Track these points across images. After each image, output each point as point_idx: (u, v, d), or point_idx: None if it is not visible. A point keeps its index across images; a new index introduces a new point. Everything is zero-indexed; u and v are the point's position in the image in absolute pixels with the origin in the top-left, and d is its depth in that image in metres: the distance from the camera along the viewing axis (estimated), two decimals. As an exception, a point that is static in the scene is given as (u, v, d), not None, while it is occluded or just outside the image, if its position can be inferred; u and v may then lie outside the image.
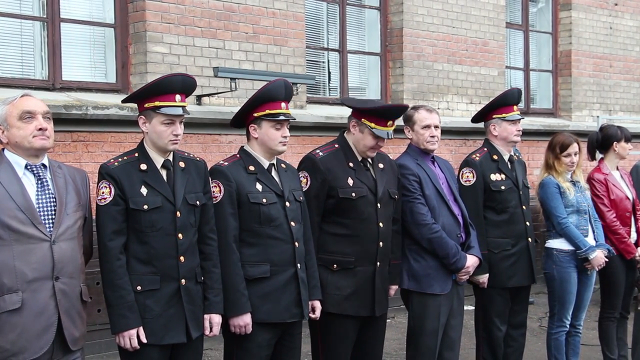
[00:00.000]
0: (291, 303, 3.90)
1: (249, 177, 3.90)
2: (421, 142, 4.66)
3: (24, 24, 6.34)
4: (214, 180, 3.85)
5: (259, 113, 3.92)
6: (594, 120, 9.87)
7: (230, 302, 3.76)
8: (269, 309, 3.84)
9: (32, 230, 3.21)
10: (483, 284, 4.91)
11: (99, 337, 5.78)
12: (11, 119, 3.28)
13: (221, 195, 3.82)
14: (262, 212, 3.85)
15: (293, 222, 3.93)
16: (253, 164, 3.95)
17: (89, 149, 6.22)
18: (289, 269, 3.90)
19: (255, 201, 3.84)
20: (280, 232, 3.88)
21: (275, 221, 3.87)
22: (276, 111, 3.94)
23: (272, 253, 3.86)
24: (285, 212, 3.91)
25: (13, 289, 3.17)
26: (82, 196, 3.45)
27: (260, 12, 7.21)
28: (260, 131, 3.94)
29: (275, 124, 3.94)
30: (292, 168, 4.19)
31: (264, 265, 3.85)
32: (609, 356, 5.65)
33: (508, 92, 5.17)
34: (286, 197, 3.93)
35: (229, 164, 3.93)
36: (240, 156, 3.99)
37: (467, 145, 8.71)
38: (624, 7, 10.74)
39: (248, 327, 3.79)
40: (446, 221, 4.57)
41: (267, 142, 3.94)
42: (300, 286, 3.92)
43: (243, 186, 3.85)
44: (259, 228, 3.85)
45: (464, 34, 8.94)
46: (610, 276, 5.54)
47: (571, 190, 5.23)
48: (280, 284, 3.87)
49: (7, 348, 3.16)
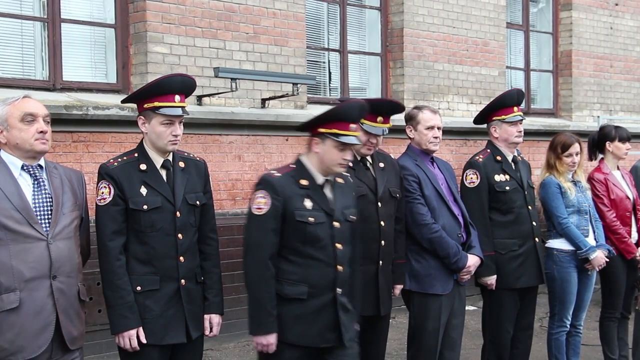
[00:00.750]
0: (325, 328, 3.65)
1: (299, 192, 3.64)
2: (424, 142, 4.66)
3: (25, 24, 6.34)
4: (262, 190, 3.62)
5: (326, 130, 3.65)
6: (595, 121, 9.87)
7: (257, 320, 3.59)
8: (301, 331, 3.62)
9: (28, 230, 3.21)
10: (491, 285, 4.90)
11: (99, 337, 5.78)
12: (12, 120, 3.28)
13: (267, 208, 3.59)
14: (308, 231, 3.61)
15: (339, 244, 3.68)
16: (307, 177, 3.69)
17: (90, 149, 6.22)
18: (328, 293, 3.65)
19: (302, 219, 3.60)
20: (323, 254, 3.64)
21: (320, 242, 3.63)
22: (345, 132, 3.64)
23: (311, 275, 3.62)
24: (332, 232, 3.66)
25: (10, 288, 3.17)
26: (78, 196, 3.46)
27: (260, 13, 7.21)
28: (323, 147, 3.67)
29: (339, 145, 3.65)
30: (349, 181, 3.91)
31: (302, 286, 3.62)
32: (609, 356, 5.64)
33: (506, 93, 5.16)
34: (335, 217, 3.68)
35: (281, 176, 3.67)
36: (295, 167, 3.73)
37: (467, 145, 8.71)
38: (625, 7, 10.73)
39: (271, 347, 3.58)
40: (446, 221, 4.57)
41: (326, 161, 3.67)
42: (339, 311, 3.66)
43: (291, 202, 3.61)
44: (301, 247, 3.62)
45: (464, 34, 8.94)
46: (611, 276, 5.53)
47: (572, 191, 5.23)
48: (316, 308, 3.63)
49: (5, 347, 3.16)
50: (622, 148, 5.62)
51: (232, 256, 6.82)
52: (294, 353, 3.64)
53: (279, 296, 3.61)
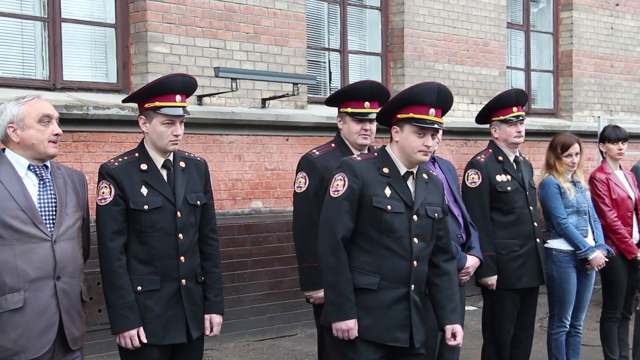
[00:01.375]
0: (395, 325, 3.49)
1: (380, 179, 3.51)
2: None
3: (25, 24, 6.34)
4: (341, 171, 3.51)
5: (403, 115, 3.52)
6: (595, 121, 9.87)
7: (335, 305, 3.43)
8: (369, 324, 3.46)
9: (33, 230, 3.21)
10: (492, 285, 4.89)
11: (99, 337, 5.78)
12: (29, 120, 3.28)
13: (344, 190, 3.47)
14: (384, 220, 3.46)
15: (417, 238, 3.51)
16: (389, 166, 3.55)
17: (90, 149, 6.22)
18: (401, 288, 3.49)
19: (379, 206, 3.46)
20: (399, 246, 3.48)
21: (396, 233, 3.48)
22: (422, 116, 3.49)
23: (385, 266, 3.47)
24: (410, 225, 3.50)
25: (15, 288, 3.17)
26: (80, 197, 3.46)
27: (261, 12, 7.21)
28: (402, 135, 3.54)
29: (417, 130, 3.50)
30: (437, 180, 3.76)
31: (373, 276, 3.47)
32: (610, 357, 5.64)
33: (504, 93, 5.15)
34: (415, 210, 3.53)
35: (362, 160, 3.57)
36: (378, 155, 3.61)
37: (468, 145, 8.71)
38: (625, 8, 10.73)
39: (352, 331, 3.42)
40: (446, 221, 4.56)
41: (406, 148, 3.52)
42: (412, 309, 3.50)
43: (370, 187, 3.48)
44: (377, 236, 3.48)
45: (464, 34, 8.94)
46: (612, 276, 5.53)
47: (571, 191, 5.23)
48: (387, 302, 3.48)
49: (8, 347, 3.16)
50: (612, 149, 5.61)
51: (232, 256, 6.84)
52: (367, 352, 3.47)
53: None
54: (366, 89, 4.34)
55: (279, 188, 7.28)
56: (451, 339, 3.65)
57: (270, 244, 7.08)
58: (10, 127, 3.29)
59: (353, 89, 4.33)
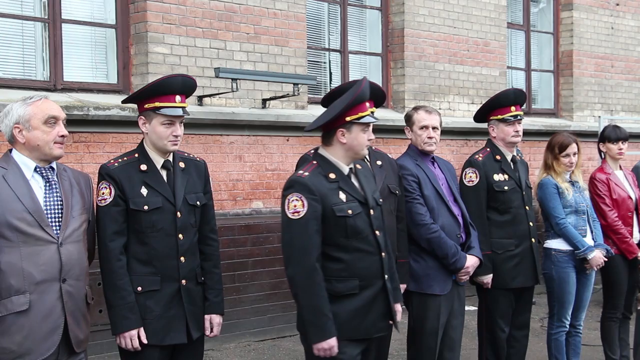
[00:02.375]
0: (378, 317, 3.66)
1: (331, 187, 3.59)
2: (419, 143, 4.68)
3: (25, 24, 6.34)
4: (295, 193, 3.53)
5: (352, 117, 3.61)
6: (596, 121, 9.87)
7: (315, 326, 3.49)
8: (356, 325, 3.59)
9: (39, 233, 3.21)
10: (487, 284, 4.91)
11: (100, 337, 5.78)
12: (35, 121, 3.28)
13: (305, 211, 3.49)
14: (349, 225, 3.56)
15: (378, 230, 3.66)
16: (333, 170, 3.63)
17: (90, 150, 6.22)
18: (377, 281, 3.64)
19: (342, 214, 3.55)
20: (366, 243, 3.61)
21: (361, 233, 3.60)
22: (365, 114, 3.63)
23: (360, 267, 3.59)
24: (370, 220, 3.64)
25: (21, 290, 3.17)
26: (86, 199, 3.46)
27: (261, 13, 7.22)
28: (350, 136, 3.63)
29: (364, 127, 3.65)
30: (365, 165, 3.92)
31: (352, 280, 3.57)
32: (610, 356, 5.64)
33: (502, 93, 5.17)
34: (370, 204, 3.66)
35: (310, 174, 3.59)
36: (317, 162, 3.67)
37: (468, 145, 8.71)
38: (626, 7, 10.73)
39: (333, 349, 3.50)
40: (446, 222, 4.57)
41: (355, 147, 3.64)
42: (390, 298, 3.68)
43: (327, 198, 3.54)
44: (345, 242, 3.57)
45: (465, 34, 8.94)
46: (612, 276, 5.53)
47: (570, 191, 5.23)
48: (369, 299, 3.62)
49: (13, 349, 3.16)
50: (612, 149, 5.61)
51: (233, 256, 6.84)
52: (353, 351, 3.60)
53: (330, 295, 3.53)
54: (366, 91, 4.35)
55: (279, 188, 7.26)
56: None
57: (271, 244, 7.08)
58: (17, 128, 3.29)
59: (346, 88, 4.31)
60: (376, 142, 7.66)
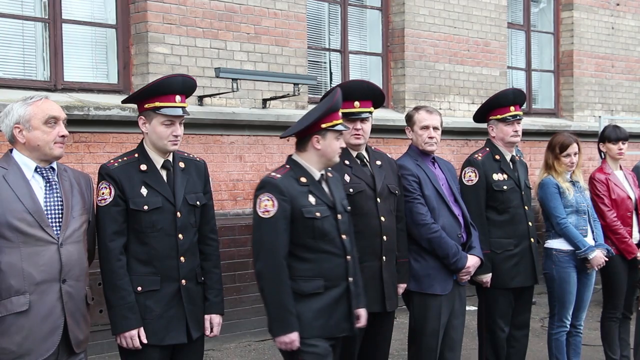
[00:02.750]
0: (342, 318, 3.79)
1: (302, 190, 3.75)
2: (419, 143, 4.68)
3: (26, 24, 6.34)
4: (266, 193, 3.70)
5: (327, 124, 3.77)
6: (596, 121, 9.86)
7: (278, 320, 3.64)
8: (322, 324, 3.73)
9: (40, 233, 3.21)
10: (486, 283, 4.91)
11: (100, 337, 5.78)
12: (35, 121, 3.27)
13: (275, 210, 3.66)
14: (316, 226, 3.72)
15: (344, 235, 3.81)
16: (304, 175, 3.80)
17: (91, 150, 6.22)
18: (342, 283, 3.78)
19: (310, 216, 3.71)
20: (333, 246, 3.76)
21: (328, 235, 3.75)
22: (339, 122, 3.83)
23: (325, 268, 3.74)
24: (337, 224, 3.79)
25: (20, 291, 3.17)
26: (86, 199, 3.46)
27: (261, 13, 7.22)
28: (325, 142, 3.79)
29: (337, 135, 3.82)
30: (336, 174, 4.05)
31: (317, 280, 3.73)
32: (611, 357, 5.64)
33: (501, 93, 5.17)
34: (338, 210, 3.81)
35: (282, 176, 3.76)
36: (290, 167, 3.84)
37: (469, 145, 8.71)
38: (626, 7, 10.73)
39: (294, 343, 3.64)
40: (446, 222, 4.57)
41: (329, 153, 3.81)
42: (352, 301, 3.81)
43: (297, 200, 3.71)
44: (312, 243, 3.73)
45: (465, 34, 8.94)
46: (612, 276, 5.53)
47: (570, 191, 5.23)
48: (334, 299, 3.76)
49: (12, 350, 3.16)
50: (612, 149, 5.61)
51: (234, 256, 6.84)
52: (324, 342, 3.74)
53: (296, 294, 3.68)
54: (356, 88, 4.38)
55: (279, 188, 7.27)
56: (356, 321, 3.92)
57: (271, 244, 7.07)
58: (17, 128, 3.29)
59: (343, 89, 4.33)
60: (376, 142, 7.68)
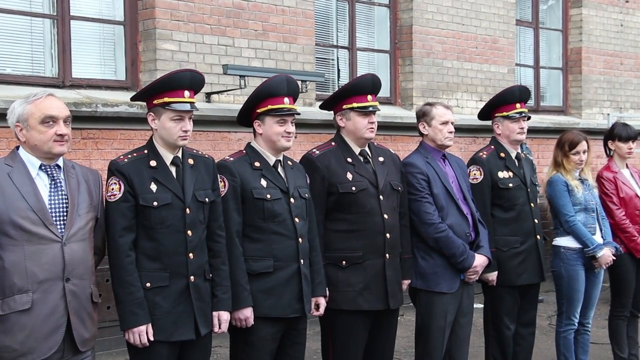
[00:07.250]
0: (293, 299, 3.91)
1: (254, 173, 3.92)
2: (439, 138, 4.64)
3: (34, 21, 6.36)
4: (220, 175, 3.87)
5: (262, 109, 3.96)
6: (605, 118, 9.84)
7: (232, 295, 3.78)
8: (272, 304, 3.86)
9: (43, 231, 3.20)
10: (492, 281, 4.89)
11: (108, 334, 5.80)
12: (32, 120, 3.25)
13: (225, 190, 3.85)
14: (266, 208, 3.87)
15: (297, 218, 3.94)
16: (259, 159, 3.97)
17: (99, 146, 6.24)
18: (292, 264, 3.91)
19: (260, 197, 3.87)
20: (284, 228, 3.90)
21: (279, 217, 3.89)
22: (278, 106, 3.96)
23: (275, 249, 3.88)
24: (290, 208, 3.93)
25: (23, 289, 3.16)
26: (94, 197, 3.44)
27: (269, 10, 7.21)
28: (264, 127, 3.98)
29: (278, 119, 3.96)
30: (298, 165, 4.21)
31: (267, 260, 3.87)
32: (619, 355, 5.62)
33: (507, 90, 5.14)
34: (291, 194, 3.95)
35: (235, 160, 3.96)
36: (246, 152, 4.02)
37: (476, 142, 8.69)
38: (635, 4, 10.69)
39: (249, 320, 3.81)
40: (455, 220, 4.55)
41: (271, 137, 3.96)
42: (303, 282, 3.93)
43: (247, 182, 3.88)
44: (262, 224, 3.87)
45: (473, 31, 8.93)
46: (620, 274, 5.52)
47: (579, 188, 5.21)
48: (283, 280, 3.89)
49: (15, 348, 3.16)
50: (622, 147, 5.59)
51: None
52: (268, 329, 3.87)
53: (248, 274, 3.83)
54: (368, 83, 4.37)
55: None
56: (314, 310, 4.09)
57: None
58: (17, 127, 3.28)
59: (358, 84, 4.35)
60: (384, 140, 7.67)
